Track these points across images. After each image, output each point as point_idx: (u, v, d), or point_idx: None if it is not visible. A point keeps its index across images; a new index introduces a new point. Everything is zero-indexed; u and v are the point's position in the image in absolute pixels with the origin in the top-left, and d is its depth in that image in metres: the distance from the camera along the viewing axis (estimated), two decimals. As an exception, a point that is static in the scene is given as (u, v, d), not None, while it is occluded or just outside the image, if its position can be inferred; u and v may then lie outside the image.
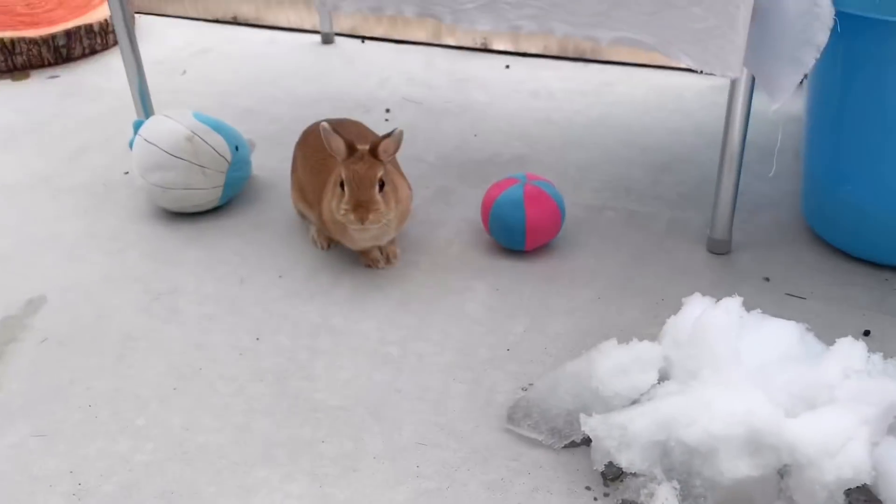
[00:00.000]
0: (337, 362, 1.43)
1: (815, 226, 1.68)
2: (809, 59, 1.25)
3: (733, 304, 1.21)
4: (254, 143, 2.03)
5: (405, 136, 1.51)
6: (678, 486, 1.08)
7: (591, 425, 1.15)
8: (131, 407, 1.35)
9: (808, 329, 1.25)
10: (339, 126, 1.52)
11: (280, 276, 1.67)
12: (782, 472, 1.07)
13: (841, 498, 1.04)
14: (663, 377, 1.21)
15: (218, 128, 1.84)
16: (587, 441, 1.21)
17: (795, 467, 1.03)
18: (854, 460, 1.00)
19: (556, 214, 1.66)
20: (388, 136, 1.49)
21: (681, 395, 1.12)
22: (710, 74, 1.36)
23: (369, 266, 1.67)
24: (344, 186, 1.48)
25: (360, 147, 1.49)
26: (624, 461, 1.10)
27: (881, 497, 1.07)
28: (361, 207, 1.47)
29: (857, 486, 1.11)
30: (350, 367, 1.42)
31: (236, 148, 1.86)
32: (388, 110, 1.52)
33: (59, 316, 1.58)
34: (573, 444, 1.24)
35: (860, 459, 1.00)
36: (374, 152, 1.49)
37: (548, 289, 1.60)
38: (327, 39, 2.88)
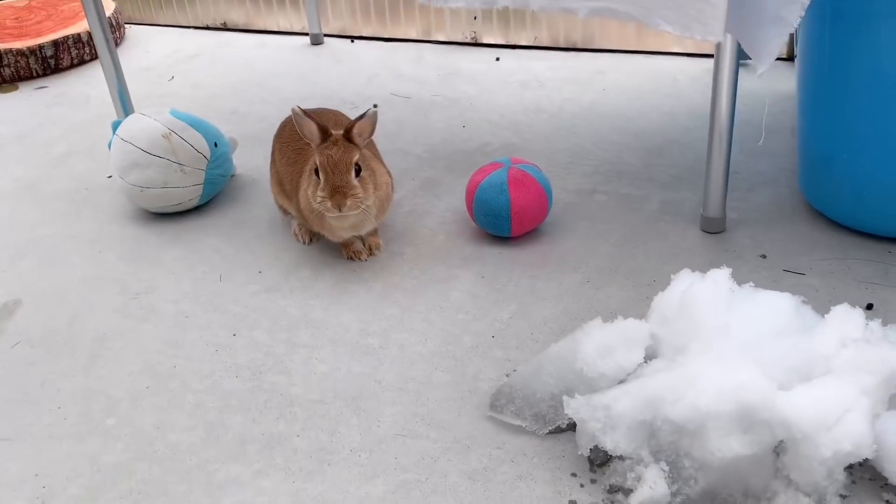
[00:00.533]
0: (315, 355, 1.38)
1: (812, 200, 1.61)
2: (794, 17, 1.19)
3: (722, 275, 1.14)
4: (236, 142, 1.99)
5: (392, 130, 1.48)
6: (667, 469, 1.01)
7: (574, 407, 1.08)
8: (102, 407, 1.30)
9: (804, 301, 1.18)
10: (314, 113, 1.48)
11: (260, 272, 1.62)
12: (778, 451, 1.00)
13: (841, 475, 0.97)
14: (651, 356, 1.15)
15: (196, 124, 1.80)
16: (573, 426, 1.15)
17: (791, 443, 0.96)
18: (853, 433, 0.93)
19: (543, 198, 1.60)
20: (361, 117, 1.44)
21: (667, 371, 1.05)
22: (703, 56, 1.30)
23: (352, 258, 1.61)
24: (319, 173, 1.43)
25: (333, 132, 1.45)
26: (609, 443, 1.04)
27: (886, 473, 1.00)
28: (338, 193, 1.41)
29: (860, 463, 1.04)
30: (329, 360, 1.36)
31: (215, 144, 1.82)
32: (375, 105, 1.46)
33: (34, 319, 1.54)
34: (558, 430, 1.17)
35: (860, 432, 0.93)
36: (348, 136, 1.44)
37: (535, 274, 1.54)
38: (316, 41, 2.85)
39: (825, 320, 1.07)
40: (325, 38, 2.87)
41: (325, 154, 1.42)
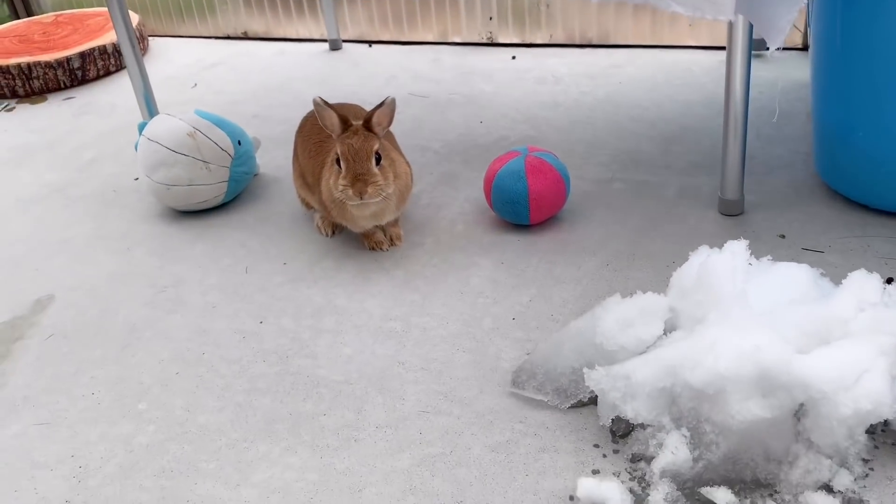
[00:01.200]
0: (340, 340, 1.41)
1: (829, 181, 1.61)
2: (803, -8, 1.20)
3: (739, 246, 1.16)
4: (258, 142, 2.03)
5: (411, 128, 1.52)
6: (688, 434, 1.02)
7: (594, 379, 1.10)
8: (134, 392, 1.34)
9: (822, 274, 1.19)
10: (335, 106, 1.51)
11: (284, 264, 1.65)
12: (798, 414, 1.01)
13: (862, 437, 0.97)
14: (670, 329, 1.16)
15: (220, 123, 1.85)
16: (594, 400, 1.16)
17: (811, 405, 0.97)
18: (872, 392, 0.93)
19: (560, 184, 1.62)
20: (380, 106, 1.47)
21: (685, 340, 1.06)
22: (717, 48, 1.31)
23: (373, 249, 1.64)
24: (340, 162, 1.46)
25: (353, 122, 1.48)
26: (630, 412, 1.05)
27: (908, 436, 1.01)
28: (359, 181, 1.44)
29: (882, 428, 1.05)
30: (353, 344, 1.39)
31: (238, 143, 1.86)
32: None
33: (65, 313, 1.58)
34: (580, 404, 1.19)
35: (879, 391, 0.94)
36: (367, 125, 1.47)
37: (554, 259, 1.56)
38: (335, 46, 2.90)
39: (842, 285, 1.08)
40: (344, 44, 2.92)
41: (345, 143, 1.45)
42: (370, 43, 2.92)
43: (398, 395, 1.26)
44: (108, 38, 2.90)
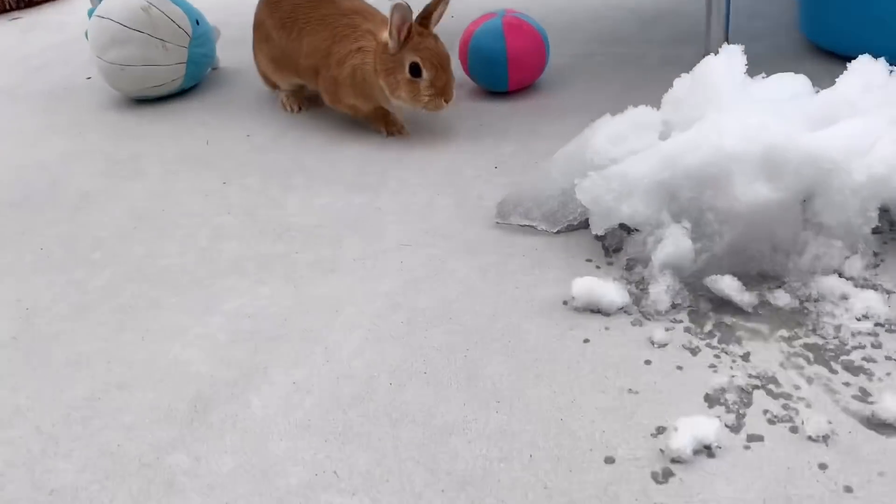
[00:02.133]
0: (311, 192, 1.32)
1: (815, 38, 1.56)
2: None
3: (735, 50, 1.09)
4: (219, 31, 1.92)
5: None
6: (689, 226, 0.95)
7: (586, 187, 1.02)
8: (87, 246, 1.23)
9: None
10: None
11: (248, 136, 1.56)
12: (806, 200, 0.95)
13: (874, 212, 0.91)
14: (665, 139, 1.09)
15: (178, 2, 1.74)
16: (585, 224, 1.09)
17: (820, 182, 0.91)
18: (886, 157, 0.88)
19: (540, 44, 1.55)
20: (438, 2, 1.37)
21: (684, 133, 0.99)
22: None
23: (393, 134, 1.48)
24: (419, 70, 1.35)
25: (414, 23, 1.36)
26: (626, 210, 0.98)
27: (919, 221, 0.95)
28: (448, 87, 1.36)
29: (890, 225, 0.99)
30: (326, 195, 1.30)
31: (197, 22, 1.76)
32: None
33: (13, 186, 1.46)
34: (570, 228, 1.12)
35: (893, 155, 0.87)
36: (426, 24, 1.38)
37: (537, 120, 1.48)
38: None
39: (847, 70, 1.02)
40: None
41: (425, 49, 1.35)
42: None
43: (376, 233, 1.18)
44: (56, -42, 2.75)
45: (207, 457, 0.80)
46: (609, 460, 0.75)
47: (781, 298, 0.91)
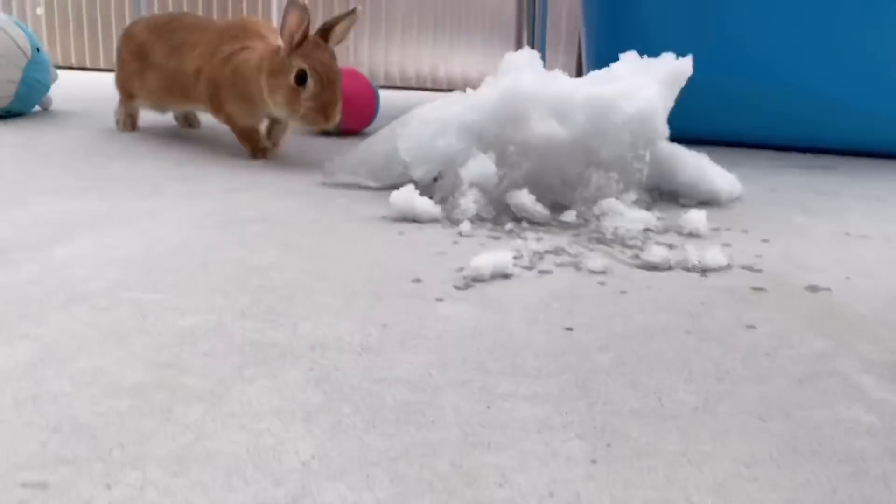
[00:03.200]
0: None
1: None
2: None
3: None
4: (57, 74, 1.95)
5: None
6: (493, 157, 1.08)
7: (408, 133, 1.14)
8: None
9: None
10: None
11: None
12: (591, 146, 1.11)
13: (644, 150, 1.10)
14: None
15: (22, 26, 1.78)
16: (408, 182, 1.19)
17: (599, 117, 1.08)
18: (648, 97, 1.08)
19: (369, 92, 1.72)
20: (347, 15, 1.33)
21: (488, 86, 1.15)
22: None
23: (257, 156, 1.45)
24: (304, 78, 1.28)
25: (310, 33, 1.30)
26: (441, 145, 1.10)
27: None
28: (331, 105, 1.29)
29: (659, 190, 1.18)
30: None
31: (38, 49, 1.79)
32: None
33: None
34: (394, 187, 1.20)
35: (653, 96, 1.08)
36: (326, 37, 1.32)
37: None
38: None
39: (620, 61, 1.24)
40: None
41: (314, 59, 1.27)
42: None
43: (202, 181, 1.21)
44: None
45: None
46: (416, 280, 0.79)
47: (569, 216, 1.05)
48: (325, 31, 1.32)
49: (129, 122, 1.68)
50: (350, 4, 4.21)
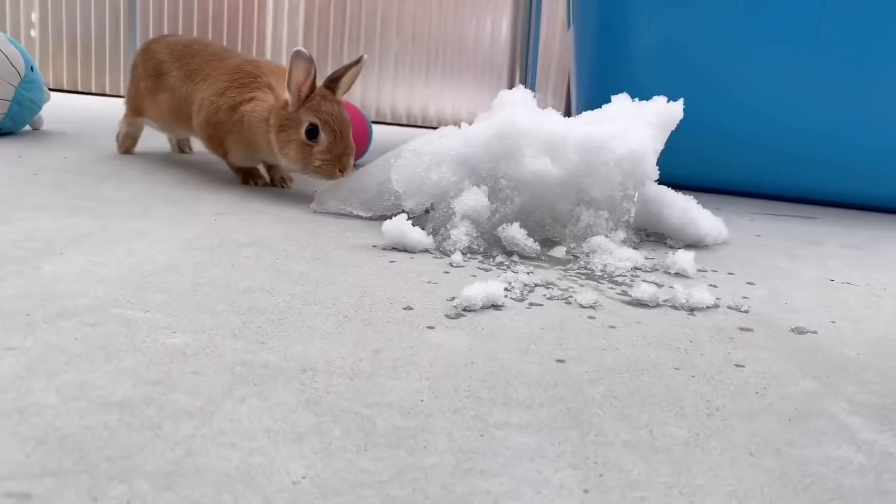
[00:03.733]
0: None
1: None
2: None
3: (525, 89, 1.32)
4: (49, 94, 1.95)
5: None
6: (486, 189, 1.09)
7: (401, 164, 1.15)
8: None
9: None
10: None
11: (66, 158, 1.55)
12: (582, 186, 1.13)
13: (633, 190, 1.11)
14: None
15: (16, 45, 1.78)
16: (399, 212, 1.20)
17: (591, 158, 1.09)
18: (639, 138, 1.09)
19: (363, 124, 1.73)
20: (353, 65, 1.31)
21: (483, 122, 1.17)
22: None
23: (249, 183, 1.47)
24: (318, 132, 1.26)
25: (317, 85, 1.29)
26: (434, 177, 1.10)
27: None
28: (345, 156, 1.27)
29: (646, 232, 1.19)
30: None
31: (31, 69, 1.79)
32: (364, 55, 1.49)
33: None
34: (384, 217, 1.21)
35: (642, 137, 1.09)
36: (333, 88, 1.30)
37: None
38: None
39: (612, 102, 1.26)
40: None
41: (325, 111, 1.26)
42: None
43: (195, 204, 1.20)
44: None
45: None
46: (408, 308, 0.79)
47: (559, 252, 1.05)
48: (333, 82, 1.30)
49: (127, 141, 1.68)
50: (345, 51, 4.26)
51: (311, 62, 1.24)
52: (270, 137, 1.30)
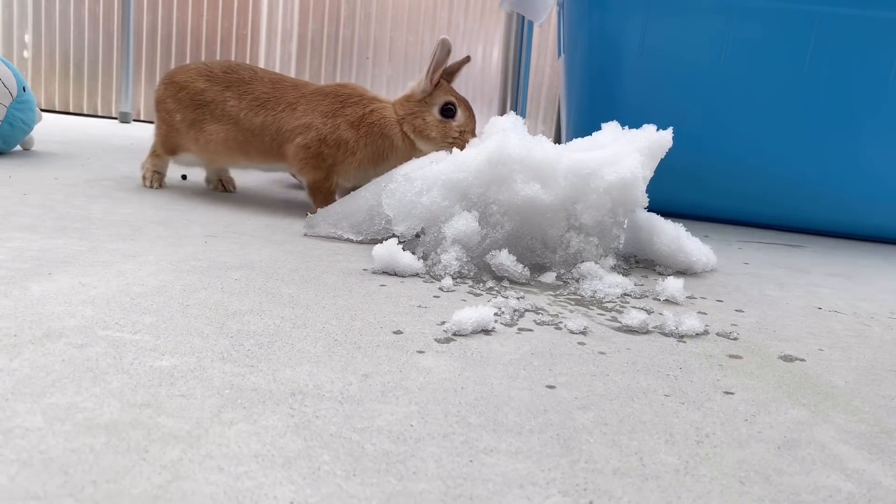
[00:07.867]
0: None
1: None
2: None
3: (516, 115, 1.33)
4: (41, 115, 1.95)
5: None
6: (477, 214, 1.09)
7: (392, 188, 1.15)
8: None
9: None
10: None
11: (56, 178, 1.55)
12: (571, 211, 1.13)
13: (623, 216, 1.12)
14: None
15: (9, 65, 1.78)
16: (390, 236, 1.20)
17: (581, 185, 1.10)
18: (630, 166, 1.09)
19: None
20: (465, 61, 1.46)
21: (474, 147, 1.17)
22: None
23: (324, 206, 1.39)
24: (453, 111, 1.39)
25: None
26: (425, 202, 1.10)
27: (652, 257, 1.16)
28: (473, 132, 1.42)
29: (636, 259, 1.20)
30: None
31: (24, 89, 1.79)
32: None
33: None
34: (374, 241, 1.22)
35: (633, 165, 1.10)
36: (450, 79, 1.45)
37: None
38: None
39: (602, 130, 1.27)
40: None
41: (456, 95, 1.41)
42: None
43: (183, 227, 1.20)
44: None
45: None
46: (397, 332, 0.79)
47: (549, 277, 1.06)
48: (450, 75, 1.44)
49: (157, 178, 1.64)
50: (338, 76, 4.29)
51: (450, 51, 1.37)
52: (405, 129, 1.39)
